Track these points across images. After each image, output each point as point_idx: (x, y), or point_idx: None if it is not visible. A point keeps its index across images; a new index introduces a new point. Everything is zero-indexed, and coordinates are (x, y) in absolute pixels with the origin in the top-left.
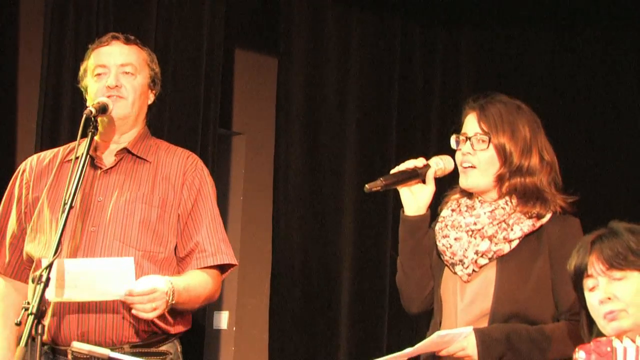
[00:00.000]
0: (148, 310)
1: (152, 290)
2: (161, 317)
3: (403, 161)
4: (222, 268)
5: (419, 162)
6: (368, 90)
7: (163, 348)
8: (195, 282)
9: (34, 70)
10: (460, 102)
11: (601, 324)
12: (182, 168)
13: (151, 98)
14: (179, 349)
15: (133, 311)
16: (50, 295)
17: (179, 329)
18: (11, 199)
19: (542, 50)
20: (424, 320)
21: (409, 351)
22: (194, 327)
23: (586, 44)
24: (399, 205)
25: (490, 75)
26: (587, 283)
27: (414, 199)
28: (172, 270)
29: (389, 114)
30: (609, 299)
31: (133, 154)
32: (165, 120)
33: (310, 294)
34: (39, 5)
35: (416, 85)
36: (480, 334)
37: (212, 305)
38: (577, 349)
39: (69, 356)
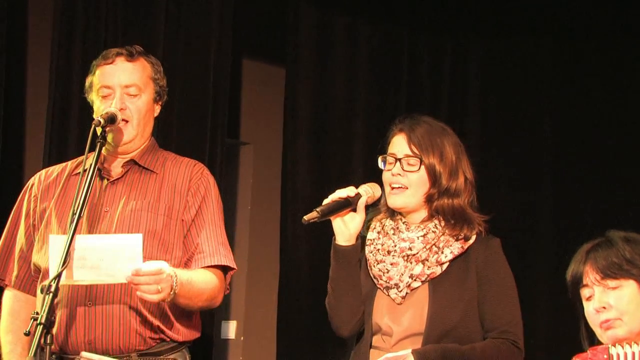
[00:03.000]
0: (153, 292)
1: (158, 271)
2: (168, 323)
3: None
4: (224, 272)
5: (351, 191)
6: (375, 100)
7: (172, 357)
8: (199, 278)
9: (42, 81)
10: (467, 112)
11: (598, 332)
12: (188, 175)
13: (157, 110)
14: (188, 358)
15: (138, 292)
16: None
17: (188, 336)
18: (19, 213)
19: (547, 60)
20: None
21: None
22: (202, 336)
23: (589, 54)
24: None
25: (496, 85)
26: (584, 292)
27: (346, 228)
28: None
29: (393, 123)
30: (604, 308)
31: (140, 165)
32: (174, 130)
33: (318, 303)
34: (47, 18)
35: (423, 95)
36: (418, 356)
37: (220, 315)
38: (574, 358)
39: None
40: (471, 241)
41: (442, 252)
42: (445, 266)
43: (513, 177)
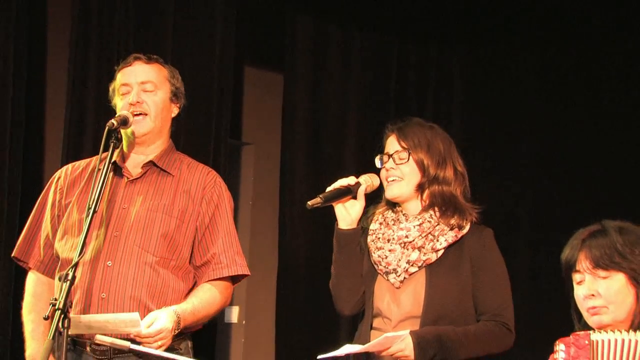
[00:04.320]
0: (155, 347)
1: (158, 332)
2: None
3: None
4: (234, 278)
5: (351, 180)
6: (366, 104)
7: (173, 344)
8: (203, 303)
9: (60, 87)
10: (450, 118)
11: (585, 315)
12: (202, 183)
13: (175, 111)
14: (190, 345)
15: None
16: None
17: (192, 329)
18: (45, 203)
19: (529, 67)
20: None
21: (357, 348)
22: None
23: (572, 60)
24: None
25: (479, 90)
26: (575, 277)
27: (347, 214)
28: (182, 274)
29: (385, 126)
30: (593, 295)
31: (158, 167)
32: (182, 131)
33: (313, 290)
34: (65, 30)
35: (411, 99)
36: (415, 337)
37: None
38: (557, 342)
39: (88, 348)
40: (465, 230)
41: (437, 240)
42: (440, 253)
43: (494, 182)
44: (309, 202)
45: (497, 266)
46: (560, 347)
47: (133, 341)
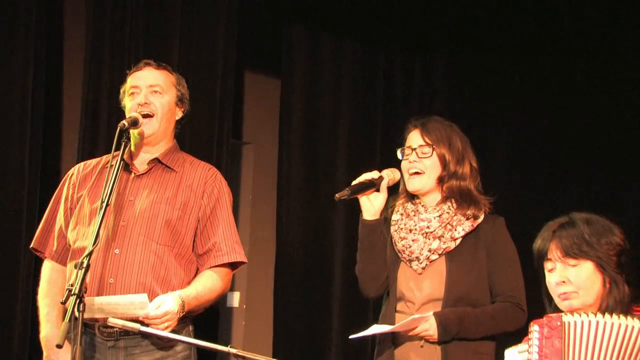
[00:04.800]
0: (162, 329)
1: (164, 314)
2: None
3: (365, 173)
4: (233, 265)
5: (375, 174)
6: (357, 107)
7: (176, 327)
8: (205, 289)
9: (76, 90)
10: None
11: (556, 300)
12: (203, 178)
13: (179, 114)
14: (191, 329)
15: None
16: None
17: (195, 313)
18: (59, 198)
19: (505, 73)
20: None
21: (386, 329)
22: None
23: (543, 68)
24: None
25: (460, 93)
26: (547, 265)
27: (371, 205)
28: (185, 262)
29: (374, 127)
30: (564, 282)
31: (163, 164)
32: (187, 131)
33: (307, 277)
34: (80, 37)
35: (397, 103)
36: (439, 318)
37: None
38: (531, 323)
39: (96, 330)
40: (480, 220)
41: (455, 230)
42: (458, 241)
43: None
44: (337, 195)
45: (509, 251)
46: (534, 327)
47: (142, 323)
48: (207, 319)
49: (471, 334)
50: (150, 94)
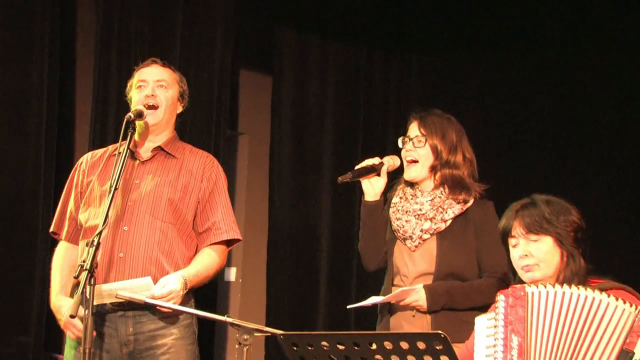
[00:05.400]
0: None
1: (169, 293)
2: None
3: (365, 159)
4: (229, 242)
5: (376, 160)
6: (341, 102)
7: (180, 301)
8: (205, 266)
9: (87, 86)
10: (410, 113)
11: (520, 273)
12: (202, 165)
13: (179, 109)
14: (192, 301)
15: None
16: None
17: (196, 287)
18: (71, 185)
19: (475, 71)
20: (381, 274)
21: (378, 299)
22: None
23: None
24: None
25: (434, 90)
26: (511, 241)
27: (372, 188)
28: (186, 237)
29: (357, 120)
30: (526, 255)
31: (165, 151)
32: (187, 123)
33: (297, 253)
34: (90, 38)
35: (377, 99)
36: (428, 289)
37: None
38: (498, 293)
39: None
40: (469, 204)
41: (446, 212)
42: (448, 222)
43: None
44: (340, 178)
45: (496, 232)
46: (500, 297)
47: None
48: (207, 292)
49: (458, 305)
50: (156, 87)
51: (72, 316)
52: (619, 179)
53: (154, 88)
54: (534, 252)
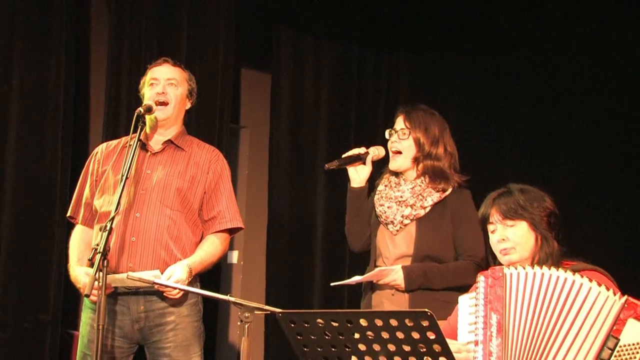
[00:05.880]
0: (174, 294)
1: (175, 282)
2: (187, 257)
3: (353, 148)
4: (232, 230)
5: (362, 150)
6: (334, 98)
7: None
8: (208, 254)
9: (101, 84)
10: (397, 108)
11: (498, 256)
12: (208, 157)
13: (188, 105)
14: (198, 282)
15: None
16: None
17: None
18: (87, 173)
19: (458, 69)
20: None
21: (359, 278)
22: None
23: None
24: None
25: (422, 86)
26: (489, 227)
27: (357, 175)
28: (192, 223)
29: (349, 115)
30: (504, 239)
31: (175, 144)
32: (193, 117)
33: (294, 238)
34: (104, 40)
35: (368, 95)
36: (406, 270)
37: None
38: (479, 274)
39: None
40: (447, 192)
41: (425, 200)
42: (427, 209)
43: None
44: (327, 165)
45: (472, 218)
46: (480, 278)
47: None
48: (211, 274)
49: (434, 285)
50: (167, 85)
51: (86, 295)
52: (588, 169)
53: (164, 86)
54: (511, 237)
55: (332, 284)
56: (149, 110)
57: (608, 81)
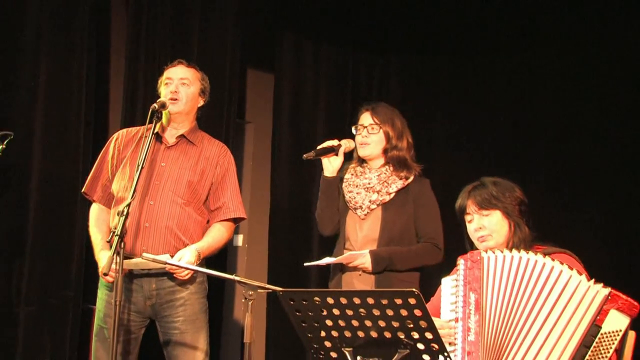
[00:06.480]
0: (183, 276)
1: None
2: (195, 242)
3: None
4: (236, 220)
5: (335, 142)
6: (331, 96)
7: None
8: (215, 240)
9: (119, 81)
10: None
11: (476, 243)
12: (217, 153)
13: (201, 102)
14: (204, 262)
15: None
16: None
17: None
18: (106, 154)
19: (444, 73)
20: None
21: (330, 260)
22: None
23: (471, 71)
24: None
25: (410, 87)
26: (467, 218)
27: (330, 165)
28: (199, 211)
29: (345, 111)
30: (480, 228)
31: (187, 139)
32: (203, 113)
33: (294, 223)
34: (122, 43)
35: (361, 93)
36: (373, 254)
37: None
38: (459, 258)
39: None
40: (410, 180)
41: (390, 186)
42: (392, 195)
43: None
44: (305, 155)
45: (431, 204)
46: (460, 261)
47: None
48: (218, 255)
49: (399, 266)
50: (180, 85)
51: (105, 274)
52: (557, 161)
53: (177, 85)
54: (487, 225)
55: (305, 264)
56: (163, 106)
57: (600, 84)
